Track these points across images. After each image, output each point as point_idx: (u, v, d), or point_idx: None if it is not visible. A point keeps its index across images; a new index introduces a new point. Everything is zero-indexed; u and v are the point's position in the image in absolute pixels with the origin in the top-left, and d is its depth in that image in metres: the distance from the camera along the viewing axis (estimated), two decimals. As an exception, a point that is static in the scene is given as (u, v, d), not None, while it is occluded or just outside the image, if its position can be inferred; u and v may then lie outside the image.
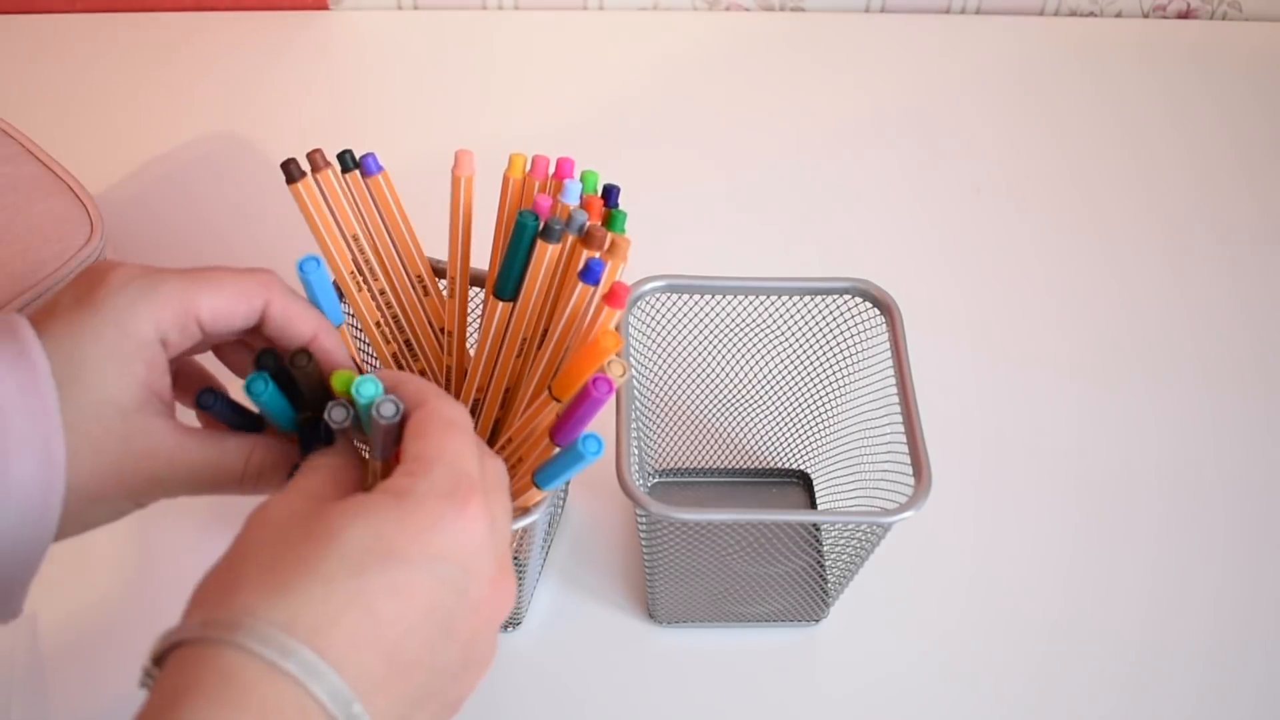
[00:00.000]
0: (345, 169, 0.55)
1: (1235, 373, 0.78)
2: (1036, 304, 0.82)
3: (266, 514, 0.39)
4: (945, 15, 1.03)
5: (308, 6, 0.99)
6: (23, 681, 0.60)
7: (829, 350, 0.65)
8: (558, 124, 0.92)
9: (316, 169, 0.54)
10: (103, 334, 0.42)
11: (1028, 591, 0.67)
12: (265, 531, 0.38)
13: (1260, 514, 0.71)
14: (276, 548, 0.37)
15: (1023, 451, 0.73)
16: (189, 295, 0.44)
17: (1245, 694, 0.63)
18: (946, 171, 0.90)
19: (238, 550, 0.38)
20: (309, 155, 0.54)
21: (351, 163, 0.55)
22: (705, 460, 0.71)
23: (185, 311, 0.44)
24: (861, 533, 0.57)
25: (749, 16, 1.02)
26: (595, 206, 0.53)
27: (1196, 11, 1.03)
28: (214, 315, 0.44)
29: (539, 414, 0.52)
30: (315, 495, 0.40)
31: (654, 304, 0.64)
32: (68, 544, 0.66)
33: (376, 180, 0.56)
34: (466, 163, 0.56)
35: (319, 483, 0.41)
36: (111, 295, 0.43)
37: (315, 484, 0.41)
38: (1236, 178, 0.90)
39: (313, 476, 0.41)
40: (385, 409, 0.41)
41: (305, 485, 0.41)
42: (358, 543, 0.37)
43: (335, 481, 0.41)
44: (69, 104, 0.91)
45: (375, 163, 0.55)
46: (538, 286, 0.52)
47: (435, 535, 0.38)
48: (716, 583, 0.61)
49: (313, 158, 0.54)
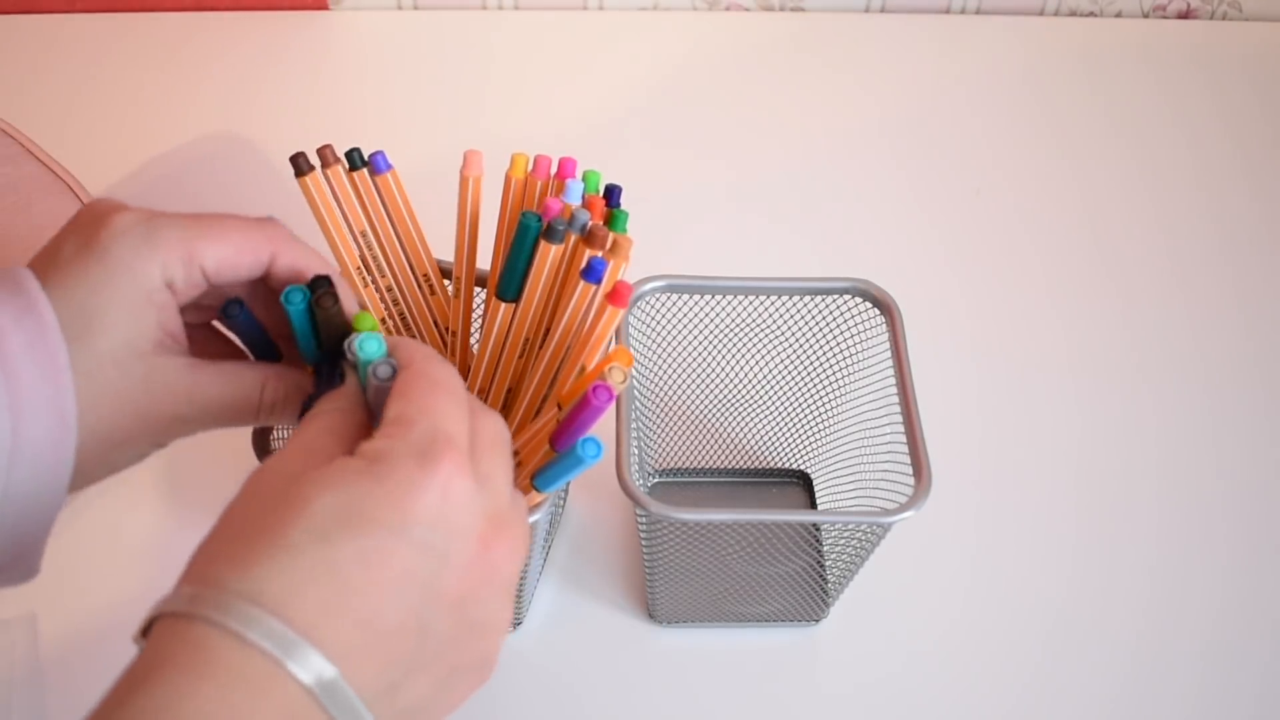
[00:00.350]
0: (353, 167, 0.55)
1: (1236, 373, 0.78)
2: (1036, 303, 0.82)
3: (261, 477, 0.39)
4: (945, 15, 1.03)
5: (308, 6, 0.99)
6: (23, 681, 0.60)
7: (829, 350, 0.65)
8: (557, 124, 0.92)
9: (326, 164, 0.54)
10: (111, 281, 0.42)
11: (1028, 591, 0.67)
12: (248, 499, 0.38)
13: (1260, 513, 0.71)
14: (250, 517, 0.37)
15: (1023, 451, 0.73)
16: (193, 244, 0.44)
17: (1245, 694, 0.63)
18: (946, 171, 0.90)
19: (224, 518, 0.38)
20: (319, 151, 0.54)
21: (360, 161, 0.55)
22: (705, 460, 0.71)
23: (189, 259, 0.43)
24: (861, 533, 0.57)
25: (749, 16, 1.02)
26: (597, 206, 0.53)
27: (1196, 11, 1.03)
28: (218, 266, 0.44)
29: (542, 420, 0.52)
30: (312, 451, 0.39)
31: (654, 304, 0.64)
32: (68, 544, 0.66)
33: (385, 178, 0.56)
34: (475, 163, 0.56)
35: (319, 435, 0.40)
36: (116, 241, 0.43)
37: (315, 437, 0.40)
38: (1237, 178, 0.90)
39: (315, 426, 0.40)
40: (381, 370, 0.41)
41: (305, 439, 0.40)
42: (326, 510, 0.36)
43: (337, 433, 0.40)
44: (69, 104, 0.91)
45: (384, 161, 0.56)
46: (540, 287, 0.53)
47: (408, 499, 0.37)
48: (716, 583, 0.61)
49: (322, 153, 0.54)
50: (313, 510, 0.36)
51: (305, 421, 0.41)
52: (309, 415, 0.41)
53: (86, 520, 0.67)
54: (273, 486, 0.38)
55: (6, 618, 0.63)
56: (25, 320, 0.41)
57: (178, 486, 0.69)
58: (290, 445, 0.40)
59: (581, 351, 0.53)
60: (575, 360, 0.53)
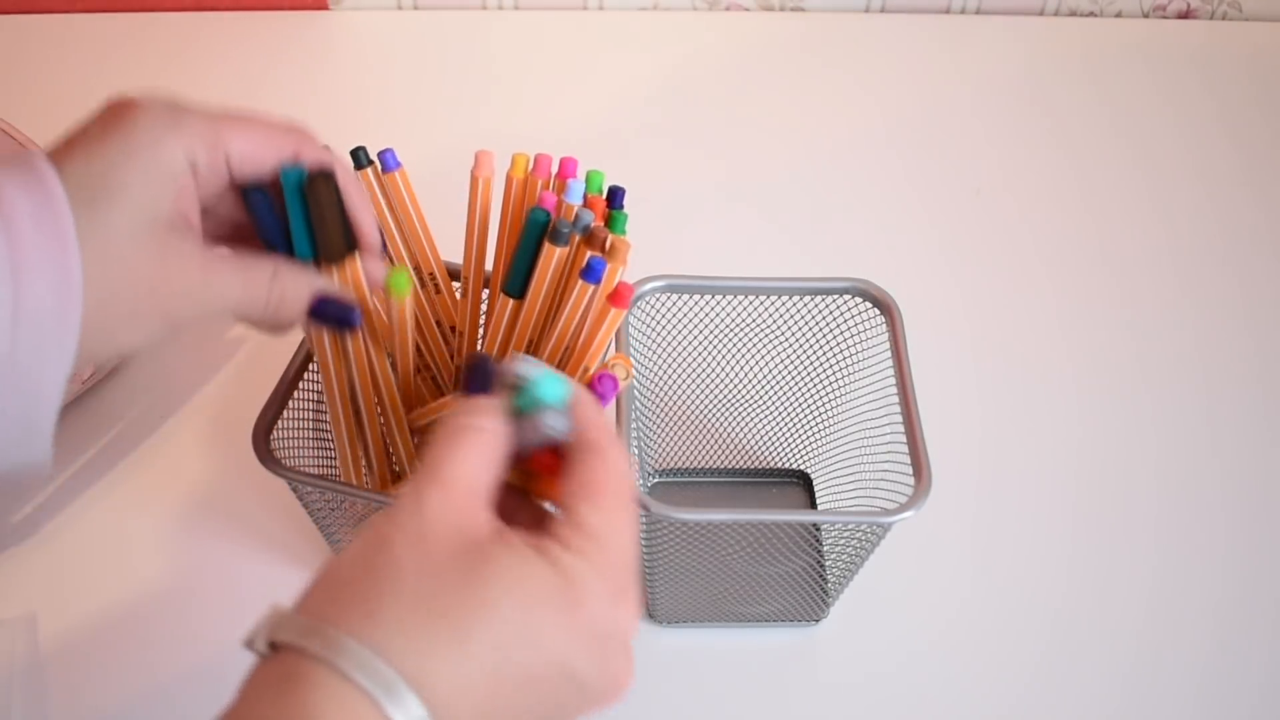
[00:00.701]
0: (359, 166, 0.55)
1: (1236, 373, 0.78)
2: (1036, 303, 0.82)
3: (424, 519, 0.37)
4: (945, 15, 1.03)
5: (308, 6, 0.99)
6: (23, 681, 0.60)
7: (829, 350, 0.65)
8: (557, 124, 0.92)
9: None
10: (132, 156, 0.43)
11: (1027, 592, 0.67)
12: (418, 551, 0.36)
13: (1260, 512, 0.71)
14: (425, 582, 0.36)
15: (1023, 451, 0.73)
16: (219, 131, 0.44)
17: (1245, 693, 0.63)
18: (946, 171, 0.90)
19: (386, 556, 0.36)
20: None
21: (365, 160, 0.55)
22: (705, 460, 0.71)
23: (214, 145, 0.44)
24: (861, 533, 0.57)
25: (749, 16, 1.02)
26: (598, 207, 0.54)
27: (1196, 11, 1.03)
28: (242, 156, 0.45)
29: None
30: (473, 491, 0.38)
31: (654, 304, 0.64)
32: (67, 544, 0.66)
33: (393, 176, 0.56)
34: (487, 163, 0.56)
35: (472, 464, 0.38)
36: (140, 120, 0.43)
37: (468, 467, 0.38)
38: (1236, 177, 0.90)
39: (463, 447, 0.39)
40: (557, 423, 0.39)
41: (459, 469, 0.38)
42: (510, 623, 0.36)
43: (488, 461, 0.39)
44: (69, 104, 0.90)
45: (394, 158, 0.56)
46: (545, 286, 0.53)
47: (587, 648, 0.37)
48: (716, 583, 0.61)
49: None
50: (498, 616, 0.36)
51: (452, 435, 0.39)
52: (453, 425, 0.40)
53: (86, 520, 0.67)
54: (442, 547, 0.37)
55: (6, 618, 0.63)
56: (34, 190, 0.41)
57: (178, 486, 0.69)
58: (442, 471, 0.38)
59: (585, 354, 0.53)
60: (578, 363, 0.53)
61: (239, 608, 0.64)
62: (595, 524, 0.38)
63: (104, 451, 0.71)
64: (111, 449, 0.71)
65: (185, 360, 0.75)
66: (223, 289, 0.45)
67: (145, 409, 0.73)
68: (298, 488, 0.57)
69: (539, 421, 0.40)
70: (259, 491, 0.67)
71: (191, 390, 0.74)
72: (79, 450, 0.71)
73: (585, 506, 0.39)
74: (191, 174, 0.44)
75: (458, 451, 0.39)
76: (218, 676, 0.62)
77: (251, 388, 0.70)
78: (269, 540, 0.66)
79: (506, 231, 0.56)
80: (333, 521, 0.60)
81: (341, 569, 0.37)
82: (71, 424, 0.71)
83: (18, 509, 0.68)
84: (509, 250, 0.56)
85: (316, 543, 0.66)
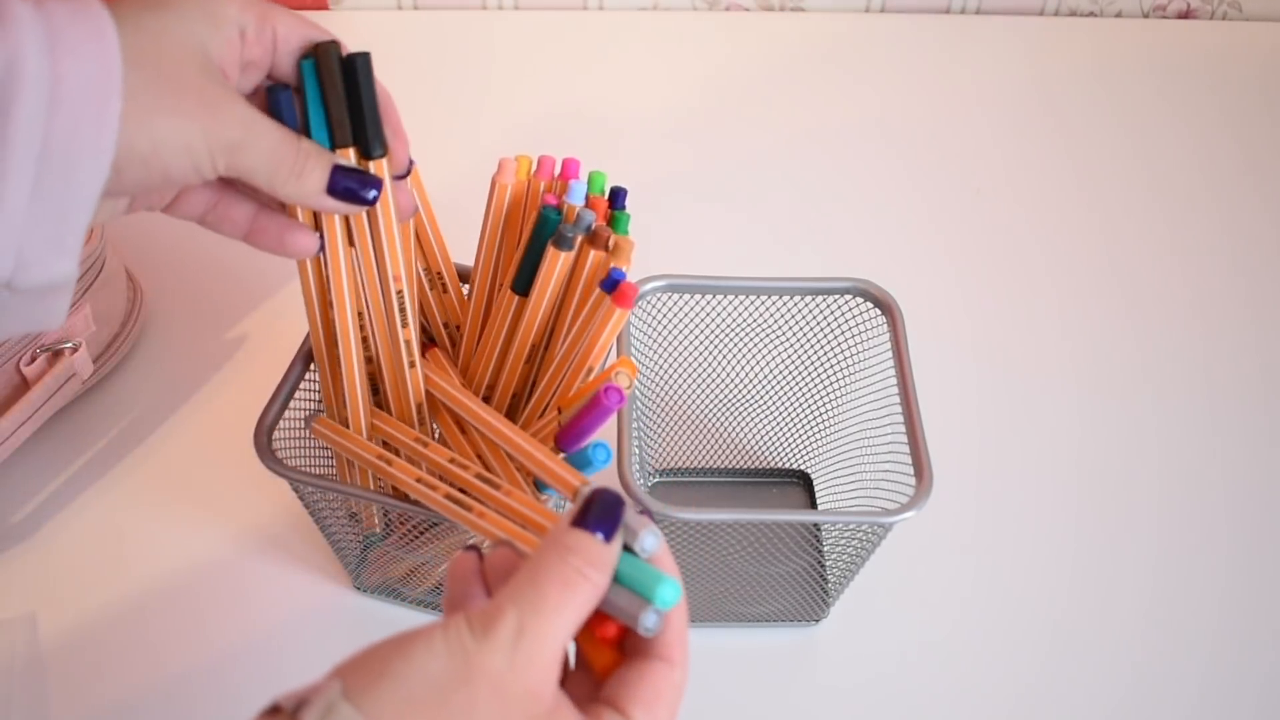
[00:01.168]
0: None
1: (1238, 373, 0.78)
2: (1037, 303, 0.82)
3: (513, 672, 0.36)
4: (945, 15, 1.03)
5: (308, 6, 0.99)
6: (23, 681, 0.60)
7: (829, 350, 0.65)
8: (557, 124, 0.92)
9: None
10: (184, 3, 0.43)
11: (1028, 592, 0.67)
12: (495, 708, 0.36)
13: (1261, 512, 0.71)
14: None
15: (1024, 452, 0.73)
16: (269, 8, 0.45)
17: (1246, 693, 0.63)
18: (947, 171, 0.90)
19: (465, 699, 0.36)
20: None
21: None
22: (705, 460, 0.71)
23: (264, 18, 0.45)
24: (862, 533, 0.57)
25: (749, 16, 1.02)
26: (600, 207, 0.54)
27: (1196, 12, 1.03)
28: (288, 32, 0.46)
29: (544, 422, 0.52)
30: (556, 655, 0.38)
31: (654, 304, 0.64)
32: (67, 543, 0.66)
33: None
34: (508, 170, 0.56)
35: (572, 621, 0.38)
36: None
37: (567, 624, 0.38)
38: (1237, 177, 0.90)
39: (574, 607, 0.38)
40: (651, 621, 0.39)
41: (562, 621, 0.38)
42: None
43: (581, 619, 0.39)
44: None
45: None
46: (550, 288, 0.53)
47: None
48: (716, 583, 0.61)
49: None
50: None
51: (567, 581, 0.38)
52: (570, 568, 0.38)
53: (86, 519, 0.67)
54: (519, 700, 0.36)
55: (6, 617, 0.63)
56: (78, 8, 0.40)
57: (178, 486, 0.69)
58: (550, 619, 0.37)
59: (589, 355, 0.53)
60: (582, 364, 0.53)
61: (239, 608, 0.65)
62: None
63: (104, 451, 0.71)
64: (111, 448, 0.71)
65: (185, 360, 0.75)
66: (262, 130, 0.45)
67: (145, 409, 0.73)
68: (298, 487, 0.57)
69: (635, 609, 0.39)
70: (259, 491, 0.67)
71: (191, 390, 0.74)
72: (79, 450, 0.71)
73: (641, 713, 0.39)
74: (240, 38, 0.44)
75: (569, 603, 0.38)
76: (218, 676, 0.62)
77: (252, 388, 0.70)
78: (269, 540, 0.66)
79: (508, 231, 0.56)
80: (333, 521, 0.60)
81: (414, 686, 0.35)
82: (72, 423, 0.71)
83: (17, 509, 0.68)
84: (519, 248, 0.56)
85: (316, 543, 0.66)
